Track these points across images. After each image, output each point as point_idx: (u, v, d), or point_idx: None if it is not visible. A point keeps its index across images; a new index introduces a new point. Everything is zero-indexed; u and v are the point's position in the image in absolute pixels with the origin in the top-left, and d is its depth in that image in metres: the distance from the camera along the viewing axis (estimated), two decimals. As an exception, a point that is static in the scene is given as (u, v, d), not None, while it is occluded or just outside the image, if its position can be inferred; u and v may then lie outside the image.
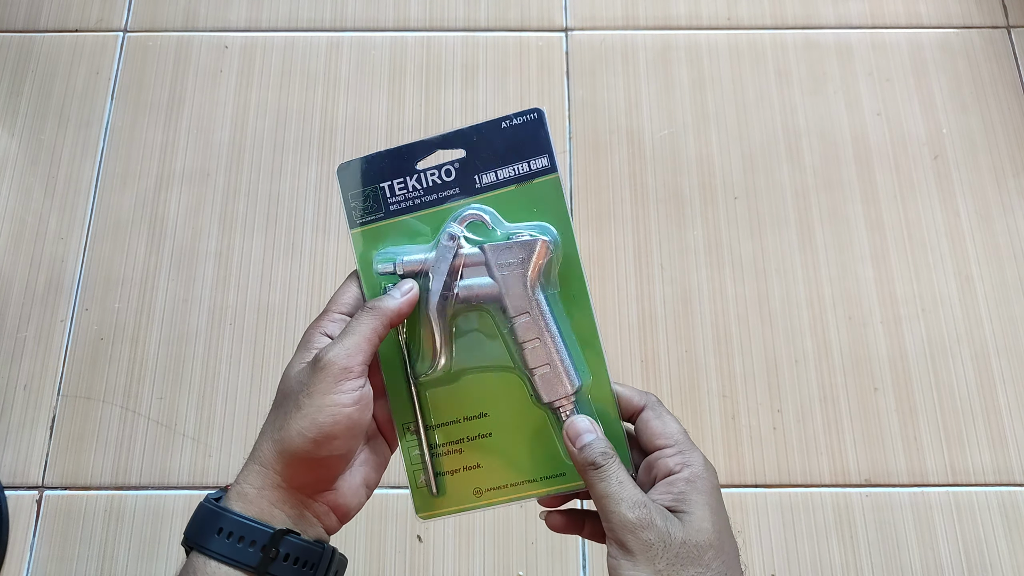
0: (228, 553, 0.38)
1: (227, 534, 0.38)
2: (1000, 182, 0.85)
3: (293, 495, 0.40)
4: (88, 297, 0.81)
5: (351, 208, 0.44)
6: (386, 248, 0.44)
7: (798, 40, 0.91)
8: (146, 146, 0.86)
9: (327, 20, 0.92)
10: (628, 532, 0.37)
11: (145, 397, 0.77)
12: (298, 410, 0.39)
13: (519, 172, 0.44)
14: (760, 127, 0.87)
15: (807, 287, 0.81)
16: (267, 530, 0.38)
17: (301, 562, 0.39)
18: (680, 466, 0.40)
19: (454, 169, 0.44)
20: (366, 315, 0.41)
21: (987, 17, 0.92)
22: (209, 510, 0.39)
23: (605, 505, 0.38)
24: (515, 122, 0.44)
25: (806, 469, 0.75)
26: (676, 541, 0.37)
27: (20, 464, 0.75)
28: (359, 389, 0.39)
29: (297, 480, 0.40)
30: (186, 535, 0.39)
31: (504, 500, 0.44)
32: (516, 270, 0.42)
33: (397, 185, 0.44)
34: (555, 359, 0.43)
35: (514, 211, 0.44)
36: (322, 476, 0.41)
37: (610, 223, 0.83)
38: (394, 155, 0.44)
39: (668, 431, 0.42)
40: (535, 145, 0.44)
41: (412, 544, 0.73)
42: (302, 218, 0.84)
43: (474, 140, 0.44)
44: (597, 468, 0.39)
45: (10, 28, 0.92)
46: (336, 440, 0.39)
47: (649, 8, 0.93)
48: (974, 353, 0.78)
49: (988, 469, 0.75)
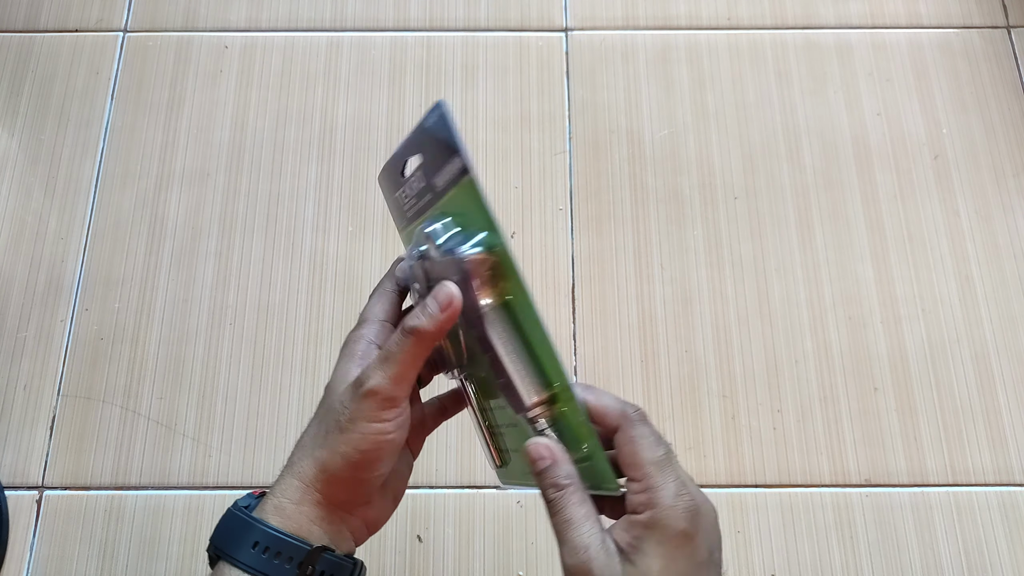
0: (262, 568, 0.37)
1: (263, 548, 0.37)
2: (1000, 182, 0.85)
3: (332, 512, 0.40)
4: (88, 297, 0.81)
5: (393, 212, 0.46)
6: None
7: (798, 40, 0.91)
8: (146, 146, 0.86)
9: (327, 20, 0.92)
10: (577, 568, 0.35)
11: (145, 397, 0.77)
12: (340, 432, 0.38)
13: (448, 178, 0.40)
14: (760, 127, 0.87)
15: (807, 287, 0.81)
16: (305, 547, 0.38)
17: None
18: (642, 507, 0.35)
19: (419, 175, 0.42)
20: (406, 341, 0.38)
21: (987, 17, 0.92)
22: (242, 520, 0.38)
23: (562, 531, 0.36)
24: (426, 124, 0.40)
25: (806, 469, 0.75)
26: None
27: (20, 464, 0.75)
28: (402, 416, 0.39)
29: (338, 498, 0.39)
30: (214, 542, 0.39)
31: None
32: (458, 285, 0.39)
33: (402, 195, 0.44)
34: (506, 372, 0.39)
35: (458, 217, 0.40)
36: (361, 494, 0.40)
37: (610, 223, 0.83)
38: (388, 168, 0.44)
39: (638, 460, 0.36)
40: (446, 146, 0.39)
41: (412, 544, 0.73)
42: (302, 218, 0.84)
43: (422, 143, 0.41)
44: (548, 501, 0.37)
45: (10, 28, 0.92)
46: (378, 464, 0.39)
47: (649, 8, 0.93)
48: (974, 353, 0.78)
49: (988, 469, 0.75)
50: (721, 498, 0.74)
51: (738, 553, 0.72)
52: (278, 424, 0.76)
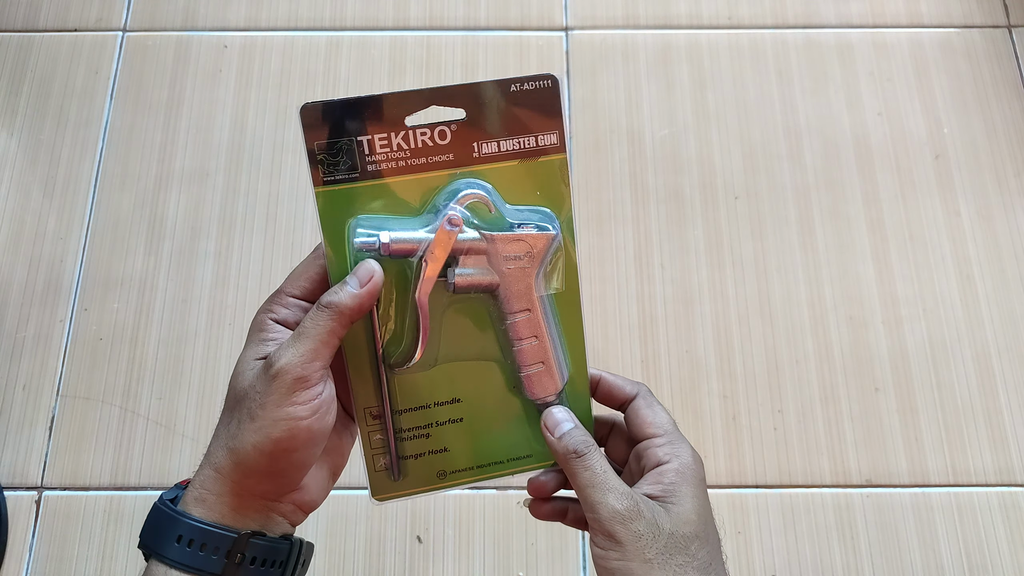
0: (189, 561, 0.36)
1: (187, 541, 0.36)
2: (1001, 181, 0.85)
3: (255, 500, 0.38)
4: (87, 297, 0.80)
5: (318, 161, 0.37)
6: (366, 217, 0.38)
7: (799, 40, 0.91)
8: (145, 146, 0.86)
9: (327, 19, 0.92)
10: (616, 523, 0.37)
11: (144, 397, 0.77)
12: (251, 421, 0.36)
13: (524, 146, 0.39)
14: (761, 127, 0.87)
15: (808, 287, 0.81)
16: (230, 535, 0.36)
17: (269, 562, 0.37)
18: (669, 456, 0.40)
19: (449, 131, 0.38)
20: (321, 315, 0.37)
21: (988, 16, 0.92)
22: (166, 514, 0.37)
23: (589, 495, 0.38)
24: (526, 87, 0.38)
25: (807, 469, 0.75)
26: (664, 531, 0.37)
27: (19, 464, 0.75)
28: (317, 398, 0.36)
29: (258, 489, 0.37)
30: (142, 539, 0.37)
31: (468, 481, 0.42)
32: (522, 264, 0.39)
33: (379, 140, 0.38)
34: (549, 359, 0.41)
35: (514, 189, 0.39)
36: (283, 483, 0.38)
37: (610, 223, 0.83)
38: (378, 103, 0.37)
39: (658, 420, 0.41)
40: (545, 117, 0.38)
41: (412, 544, 0.72)
42: (302, 218, 0.84)
43: (477, 100, 0.38)
44: (580, 456, 0.39)
45: (9, 28, 0.92)
46: (294, 453, 0.36)
47: (649, 7, 0.93)
48: (975, 353, 0.78)
49: (989, 469, 0.75)
50: (722, 499, 0.74)
51: (739, 553, 0.72)
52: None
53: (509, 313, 0.40)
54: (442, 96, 0.38)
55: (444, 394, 0.42)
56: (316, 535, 0.72)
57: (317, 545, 0.72)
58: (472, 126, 0.38)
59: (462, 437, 0.42)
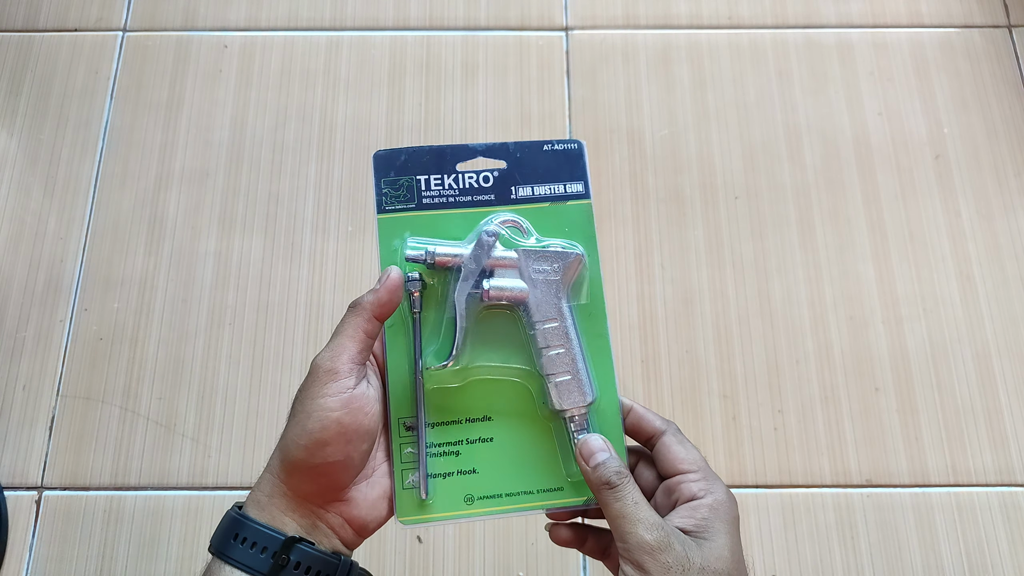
0: (242, 559, 0.38)
1: (242, 540, 0.38)
2: (1001, 181, 0.85)
3: (301, 504, 0.39)
4: (87, 297, 0.80)
5: (383, 194, 0.45)
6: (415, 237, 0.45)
7: (799, 39, 0.91)
8: (145, 146, 0.86)
9: (327, 19, 0.92)
10: (646, 554, 0.37)
11: (144, 397, 0.77)
12: (293, 417, 0.39)
13: (555, 192, 0.46)
14: (761, 126, 0.87)
15: (808, 287, 0.81)
16: (279, 537, 0.38)
17: (314, 571, 0.38)
18: (704, 492, 0.40)
19: (492, 176, 0.46)
20: (349, 313, 0.41)
21: (988, 16, 0.92)
22: (231, 517, 0.39)
23: (620, 525, 0.38)
24: (556, 147, 0.46)
25: (807, 469, 0.75)
26: (695, 566, 0.37)
27: (19, 464, 0.75)
28: (347, 391, 0.39)
29: (301, 489, 0.39)
30: (212, 543, 0.39)
31: (496, 511, 0.43)
32: (550, 277, 0.44)
33: (434, 180, 0.45)
34: (577, 368, 0.43)
35: (546, 226, 0.45)
36: (325, 485, 0.40)
37: (610, 223, 0.83)
38: (436, 152, 0.46)
39: (691, 457, 0.42)
40: (573, 171, 0.46)
41: (412, 544, 0.72)
42: (302, 218, 0.84)
43: (516, 155, 0.46)
44: (612, 488, 0.39)
45: (9, 28, 0.92)
46: (328, 447, 0.38)
47: (650, 7, 0.93)
48: (975, 353, 0.78)
49: (989, 469, 0.75)
50: (722, 498, 0.74)
51: (739, 554, 0.72)
52: (278, 424, 0.76)
53: (538, 321, 0.43)
54: (489, 152, 0.46)
55: (476, 410, 0.44)
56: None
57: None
58: (511, 174, 0.46)
59: (492, 459, 0.43)
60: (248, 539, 0.38)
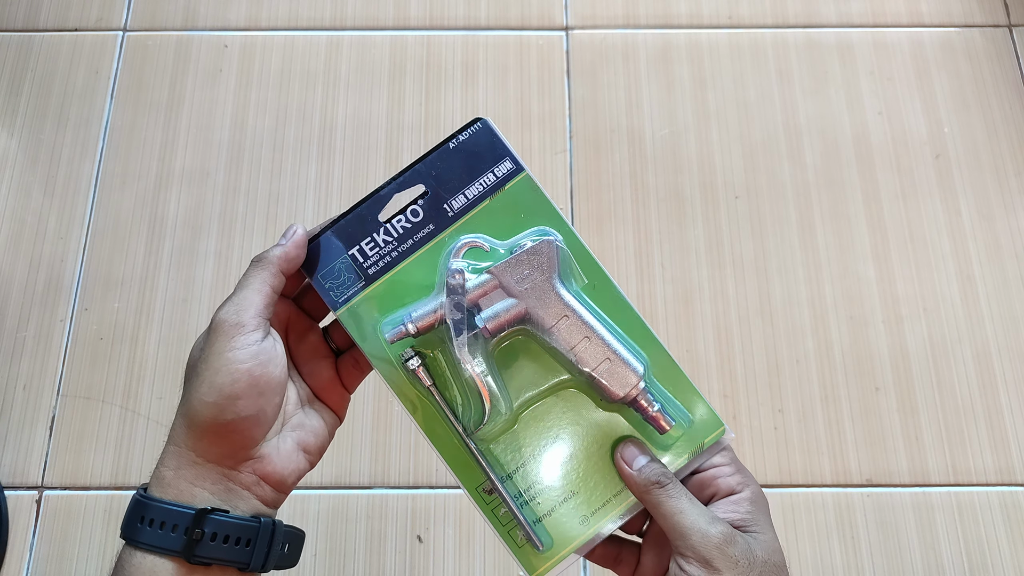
0: (151, 541, 0.36)
1: (149, 521, 0.36)
2: (1002, 181, 0.85)
3: (212, 470, 0.38)
4: (88, 297, 0.80)
5: (327, 290, 0.41)
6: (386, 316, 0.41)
7: (799, 39, 0.91)
8: (146, 145, 0.86)
9: (327, 19, 0.92)
10: (713, 548, 0.36)
11: (145, 397, 0.77)
12: (197, 377, 0.37)
13: (487, 184, 0.42)
14: (761, 126, 0.87)
15: (808, 286, 0.81)
16: (188, 511, 0.36)
17: (234, 539, 0.37)
18: (742, 486, 0.40)
19: (420, 208, 0.42)
20: (253, 267, 0.39)
21: (988, 16, 0.92)
22: (135, 500, 0.38)
23: (680, 522, 0.37)
24: (462, 138, 0.42)
25: (807, 469, 0.75)
26: (759, 559, 0.37)
27: (20, 464, 0.75)
28: (255, 344, 0.37)
29: (211, 452, 0.38)
30: (120, 530, 0.38)
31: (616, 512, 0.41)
32: (536, 279, 0.41)
33: (367, 246, 0.41)
34: (612, 350, 0.40)
35: (500, 225, 0.42)
36: (236, 443, 0.38)
37: (611, 222, 0.83)
38: (351, 220, 0.41)
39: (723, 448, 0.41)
40: (492, 153, 0.42)
41: (412, 544, 0.72)
42: (302, 218, 0.84)
43: (431, 173, 0.42)
44: (663, 487, 0.38)
45: (9, 27, 0.92)
46: (239, 400, 0.37)
47: (650, 7, 0.93)
48: (976, 352, 0.78)
49: (990, 469, 0.75)
50: (722, 498, 0.74)
51: (739, 553, 0.72)
52: (278, 424, 0.76)
53: (550, 327, 0.41)
54: (399, 186, 0.42)
55: (542, 439, 0.41)
56: (316, 535, 0.72)
57: (317, 545, 0.72)
58: (435, 194, 0.42)
59: (581, 473, 0.41)
60: (156, 519, 0.36)
